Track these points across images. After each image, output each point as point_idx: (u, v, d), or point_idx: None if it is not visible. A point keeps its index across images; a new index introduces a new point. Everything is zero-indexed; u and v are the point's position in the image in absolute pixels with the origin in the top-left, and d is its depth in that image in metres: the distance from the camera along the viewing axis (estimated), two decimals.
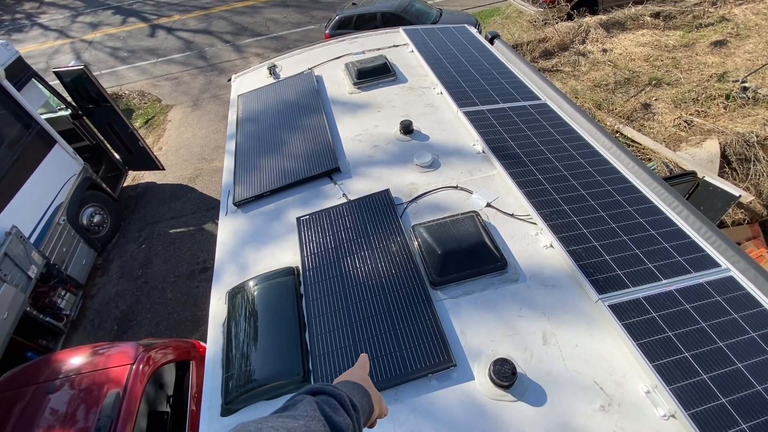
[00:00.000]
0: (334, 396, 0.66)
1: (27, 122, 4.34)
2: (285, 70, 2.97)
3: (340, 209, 1.85)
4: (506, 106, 2.34)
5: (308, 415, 0.57)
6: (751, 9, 7.40)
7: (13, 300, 3.71)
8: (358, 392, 0.75)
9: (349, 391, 0.72)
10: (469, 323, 1.36)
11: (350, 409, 0.66)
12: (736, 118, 5.24)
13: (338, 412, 0.63)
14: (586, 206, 1.72)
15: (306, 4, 11.42)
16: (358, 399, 0.72)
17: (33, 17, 13.49)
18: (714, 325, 1.33)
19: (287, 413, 0.58)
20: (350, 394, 0.70)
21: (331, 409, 0.62)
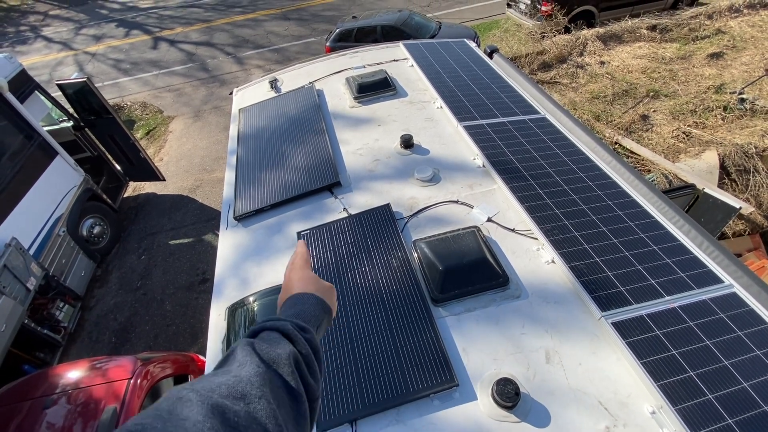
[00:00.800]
0: (276, 329, 0.60)
1: (29, 134, 4.37)
2: (286, 83, 3.00)
3: (341, 223, 1.85)
4: (506, 120, 2.35)
5: (240, 362, 0.52)
6: (747, 21, 7.51)
7: (11, 312, 3.68)
8: (310, 304, 0.68)
9: (296, 311, 0.66)
10: (471, 341, 1.35)
11: (295, 335, 0.60)
12: (734, 130, 5.28)
13: (278, 344, 0.57)
14: (587, 221, 1.72)
15: (307, 18, 11.59)
16: (309, 313, 0.67)
17: (37, 29, 13.67)
18: (718, 343, 1.32)
19: (222, 369, 0.52)
20: (297, 317, 0.64)
21: (269, 345, 0.56)
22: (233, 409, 0.44)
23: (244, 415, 0.44)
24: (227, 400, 0.45)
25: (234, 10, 12.92)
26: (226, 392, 0.46)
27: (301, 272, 0.77)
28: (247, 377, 0.49)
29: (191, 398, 0.43)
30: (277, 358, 0.54)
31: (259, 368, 0.51)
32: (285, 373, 0.54)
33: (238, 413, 0.44)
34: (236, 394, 0.47)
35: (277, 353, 0.55)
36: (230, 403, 0.45)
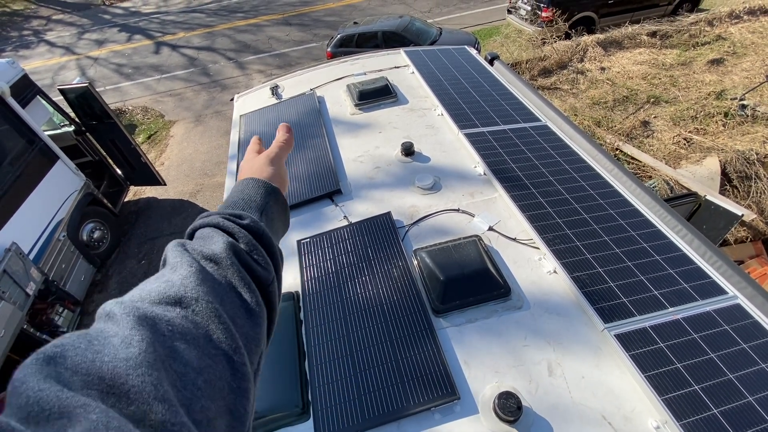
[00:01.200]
0: (207, 225, 0.55)
1: (30, 138, 4.38)
2: (287, 90, 3.00)
3: (341, 232, 1.84)
4: (507, 127, 2.35)
5: (172, 265, 0.48)
6: (747, 28, 7.53)
7: (10, 317, 3.67)
8: (246, 188, 0.63)
9: (230, 202, 0.61)
10: (472, 353, 1.34)
11: (228, 225, 0.54)
12: (735, 136, 5.27)
13: (211, 238, 0.53)
14: (588, 231, 1.71)
15: (308, 23, 11.65)
16: (247, 197, 0.61)
17: (40, 34, 13.76)
18: (723, 356, 1.30)
19: (154, 276, 0.48)
20: (231, 207, 0.60)
21: (202, 242, 0.52)
22: (166, 317, 0.40)
23: (180, 322, 0.41)
24: (158, 308, 0.41)
25: (236, 16, 13.00)
26: (157, 298, 0.43)
27: (244, 163, 0.72)
28: (179, 280, 0.45)
29: (116, 312, 0.39)
30: (212, 253, 0.50)
31: (192, 267, 0.47)
32: (224, 266, 0.50)
33: (172, 321, 0.40)
34: (169, 299, 0.43)
35: (211, 248, 0.51)
36: (161, 311, 0.41)
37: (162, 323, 0.40)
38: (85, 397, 0.30)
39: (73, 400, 0.29)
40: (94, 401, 0.30)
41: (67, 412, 0.28)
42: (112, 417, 0.29)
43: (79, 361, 0.33)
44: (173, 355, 0.38)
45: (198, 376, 0.38)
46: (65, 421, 0.28)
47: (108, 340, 0.36)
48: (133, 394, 0.32)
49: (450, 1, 11.58)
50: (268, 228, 0.59)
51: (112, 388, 0.32)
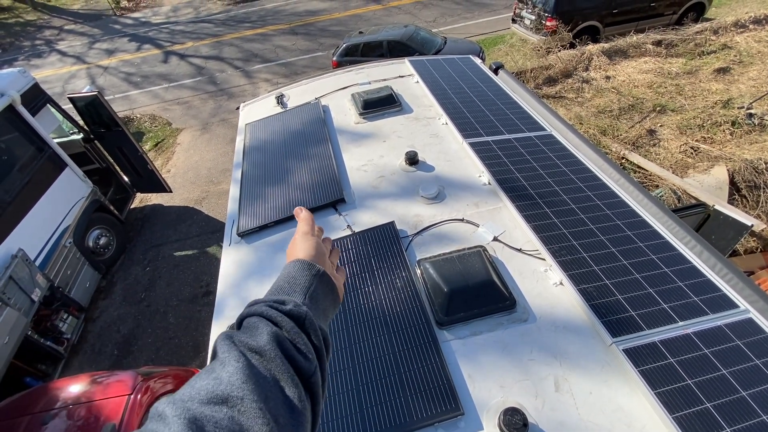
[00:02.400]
0: (252, 314, 0.55)
1: (40, 146, 4.44)
2: (292, 99, 3.02)
3: (345, 241, 1.83)
4: (512, 137, 2.34)
5: (221, 360, 0.48)
6: (753, 36, 7.50)
7: (15, 324, 3.68)
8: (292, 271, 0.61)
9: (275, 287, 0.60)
10: (477, 367, 1.31)
11: (272, 313, 0.54)
12: (743, 145, 5.22)
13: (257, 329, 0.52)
14: (595, 242, 1.69)
15: (314, 32, 11.79)
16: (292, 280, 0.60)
17: (52, 43, 14.04)
18: (735, 372, 1.27)
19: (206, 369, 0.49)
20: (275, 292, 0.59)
21: (249, 334, 0.52)
22: (214, 418, 0.41)
23: (227, 423, 0.42)
24: (207, 408, 0.42)
25: (243, 25, 13.20)
26: (206, 398, 0.43)
27: (294, 243, 0.70)
28: (227, 377, 0.46)
29: (167, 414, 0.41)
30: (258, 345, 0.50)
31: (239, 363, 0.48)
32: (268, 359, 0.50)
33: (220, 422, 0.41)
34: (216, 399, 0.44)
35: (257, 340, 0.51)
36: (210, 411, 0.42)
37: (210, 425, 0.41)
38: None
39: None
40: None
41: None
42: None
43: None
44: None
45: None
46: None
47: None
48: None
49: (455, 11, 11.69)
50: (313, 309, 0.58)
51: None
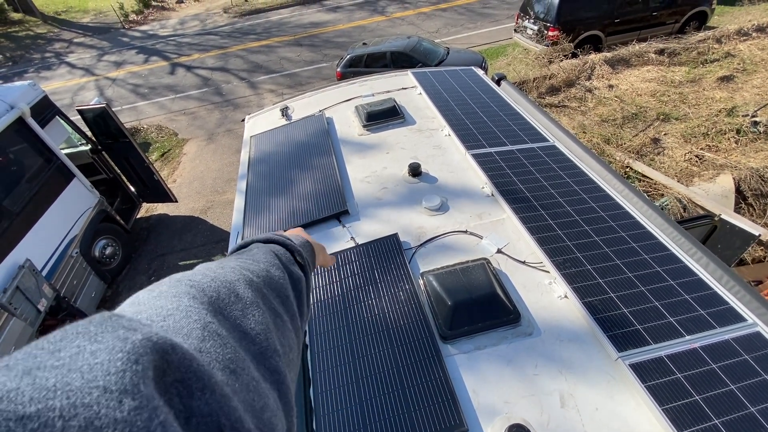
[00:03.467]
0: (288, 248, 0.62)
1: (48, 157, 4.51)
2: (297, 111, 3.05)
3: (348, 254, 1.84)
4: (514, 148, 2.34)
5: (267, 260, 0.54)
6: (756, 45, 7.51)
7: (21, 334, 3.71)
8: (306, 246, 0.71)
9: (301, 244, 0.68)
10: (481, 382, 1.30)
11: (306, 263, 0.63)
12: (748, 153, 5.20)
13: (293, 264, 0.60)
14: (600, 254, 1.68)
15: (319, 44, 11.95)
16: (308, 255, 0.69)
17: (61, 56, 14.33)
18: (744, 387, 1.25)
19: (245, 256, 0.54)
20: (303, 249, 0.67)
21: (286, 261, 0.59)
22: (269, 296, 0.46)
23: (277, 305, 0.47)
24: (265, 288, 0.47)
25: (249, 37, 13.41)
26: (264, 280, 0.48)
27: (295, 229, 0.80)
28: (277, 278, 0.51)
29: (233, 271, 0.45)
30: (296, 276, 0.56)
31: (284, 275, 0.53)
32: (298, 290, 0.55)
33: (272, 301, 0.46)
34: (272, 285, 0.49)
35: (295, 271, 0.57)
36: (267, 292, 0.47)
37: (267, 300, 0.46)
38: (222, 328, 0.34)
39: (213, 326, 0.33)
40: (228, 334, 0.34)
41: (207, 331, 0.32)
42: (239, 356, 0.33)
43: (216, 297, 0.39)
44: (277, 327, 0.44)
45: (290, 352, 0.44)
46: (205, 335, 0.32)
47: (232, 288, 0.42)
48: (259, 340, 0.38)
49: (458, 21, 11.81)
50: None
51: (242, 327, 0.38)
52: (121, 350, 0.23)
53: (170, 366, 0.25)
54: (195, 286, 0.37)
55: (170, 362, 0.25)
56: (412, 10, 13.30)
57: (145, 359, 0.23)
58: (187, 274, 0.41)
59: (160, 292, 0.34)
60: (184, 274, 0.41)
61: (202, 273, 0.42)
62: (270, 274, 0.50)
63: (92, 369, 0.21)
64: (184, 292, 0.35)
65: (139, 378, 0.22)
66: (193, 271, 0.42)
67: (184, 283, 0.37)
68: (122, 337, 0.24)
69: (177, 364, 0.26)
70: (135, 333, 0.24)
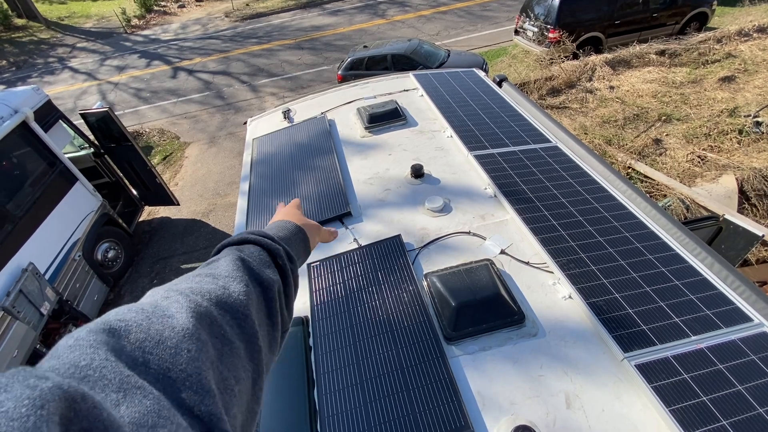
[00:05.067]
0: (267, 248, 0.58)
1: (52, 161, 4.53)
2: (299, 114, 3.06)
3: (351, 255, 1.83)
4: (517, 149, 2.34)
5: (229, 274, 0.49)
6: (757, 45, 7.50)
7: (24, 337, 3.71)
8: (294, 236, 0.67)
9: (286, 237, 0.64)
10: (486, 383, 1.29)
11: (285, 264, 0.58)
12: (751, 153, 5.18)
13: (267, 267, 0.55)
14: (604, 254, 1.67)
15: (319, 47, 12.00)
16: (294, 245, 0.65)
17: (64, 61, 14.42)
18: (751, 388, 1.24)
19: (206, 270, 0.50)
20: (287, 243, 0.62)
21: (258, 265, 0.54)
22: (219, 321, 0.43)
23: (229, 330, 0.43)
24: (216, 310, 0.43)
25: (250, 41, 13.48)
26: (216, 302, 0.44)
27: (289, 209, 0.77)
28: (236, 294, 0.47)
29: (177, 298, 0.42)
30: (267, 282, 0.52)
31: (248, 288, 0.49)
32: (269, 298, 0.52)
33: (223, 327, 0.43)
34: (225, 306, 0.45)
35: (267, 277, 0.53)
36: (218, 315, 0.43)
37: (216, 325, 0.42)
38: (141, 380, 0.31)
39: (132, 380, 0.31)
40: (149, 385, 0.32)
41: (124, 389, 0.30)
42: (163, 406, 0.31)
43: (143, 339, 0.35)
44: (221, 358, 0.41)
45: (235, 385, 0.41)
46: (120, 397, 0.29)
47: (167, 321, 0.38)
48: (189, 383, 0.35)
49: (458, 24, 11.85)
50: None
51: (169, 372, 0.34)
52: (28, 397, 0.22)
53: (77, 415, 0.25)
54: (118, 330, 0.35)
55: (78, 411, 0.25)
56: (413, 13, 13.35)
57: (51, 405, 0.23)
58: (122, 311, 0.38)
59: (76, 341, 0.32)
60: (119, 310, 0.38)
61: (139, 308, 0.39)
62: (227, 292, 0.46)
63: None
64: (101, 341, 0.33)
65: (43, 421, 0.22)
66: (130, 307, 0.39)
67: (106, 329, 0.34)
68: (32, 385, 0.23)
69: (85, 413, 0.25)
70: (46, 381, 0.24)
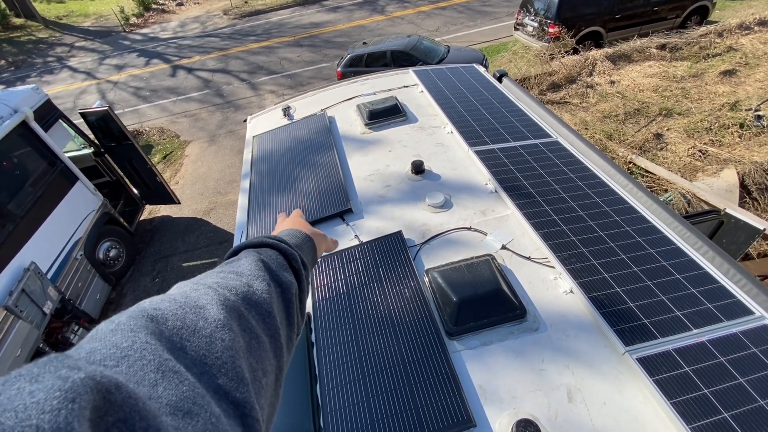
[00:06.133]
0: (284, 253, 0.59)
1: (52, 161, 4.53)
2: (299, 111, 3.06)
3: (352, 252, 1.84)
4: (517, 144, 2.34)
5: (252, 273, 0.51)
6: (758, 38, 7.46)
7: (27, 337, 3.72)
8: (305, 243, 0.68)
9: (298, 244, 0.66)
10: (488, 377, 1.30)
11: (300, 268, 0.60)
12: (752, 147, 5.17)
13: (285, 270, 0.56)
14: (605, 248, 1.67)
15: (319, 44, 11.96)
16: (306, 253, 0.66)
17: (63, 60, 14.39)
18: (753, 380, 1.24)
19: (230, 267, 0.52)
20: (300, 250, 0.63)
21: (277, 267, 0.55)
22: (246, 315, 0.44)
23: (255, 325, 0.44)
24: (243, 305, 0.45)
25: (249, 39, 13.44)
26: (242, 297, 0.46)
27: (294, 218, 0.79)
28: (260, 292, 0.49)
29: (207, 291, 0.43)
30: (285, 284, 0.54)
31: (270, 287, 0.51)
32: (288, 300, 0.53)
33: (250, 321, 0.44)
34: (251, 302, 0.46)
35: (286, 279, 0.55)
36: (245, 310, 0.44)
37: (244, 319, 0.43)
38: (179, 365, 0.32)
39: (170, 364, 0.32)
40: (186, 371, 0.32)
41: (162, 371, 0.30)
42: (198, 394, 0.31)
43: (179, 327, 0.36)
44: (250, 350, 0.42)
45: (263, 377, 0.42)
46: (158, 378, 0.30)
47: (199, 312, 0.39)
48: (224, 371, 0.36)
49: (457, 20, 11.80)
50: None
51: (205, 359, 0.35)
52: (60, 389, 0.22)
53: (112, 405, 0.25)
54: (156, 318, 0.36)
55: (112, 402, 0.25)
56: (412, 9, 13.29)
57: (83, 398, 0.23)
58: (156, 301, 0.39)
59: (117, 325, 0.33)
60: (153, 300, 0.39)
61: (171, 299, 0.40)
62: (251, 290, 0.48)
63: (27, 408, 0.21)
64: (142, 326, 0.34)
65: (74, 417, 0.22)
66: (162, 297, 0.41)
67: (145, 315, 0.36)
68: (63, 376, 0.23)
69: (120, 404, 0.25)
70: (78, 372, 0.24)
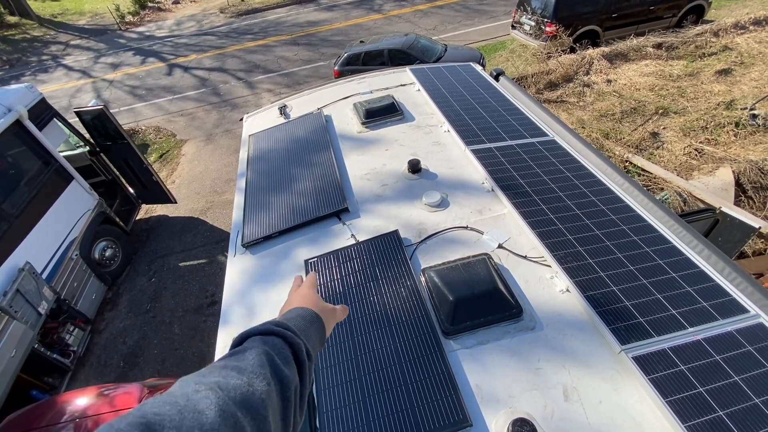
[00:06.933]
0: (290, 343, 0.59)
1: (47, 160, 4.49)
2: (295, 109, 3.04)
3: (349, 251, 1.83)
4: (514, 143, 2.34)
5: (254, 370, 0.51)
6: (754, 38, 7.50)
7: (22, 337, 3.70)
8: (314, 326, 0.68)
9: (305, 329, 0.65)
10: (484, 376, 1.30)
11: (304, 360, 0.60)
12: (747, 146, 5.19)
13: (288, 365, 0.57)
14: (601, 247, 1.67)
15: (316, 43, 11.92)
16: (314, 337, 0.66)
17: (58, 58, 14.28)
18: (748, 379, 1.24)
19: (233, 362, 0.52)
20: (307, 338, 0.63)
21: (281, 360, 0.56)
22: (242, 422, 0.45)
23: (249, 430, 0.45)
24: (239, 410, 0.45)
25: (246, 37, 13.37)
26: (240, 400, 0.47)
27: (306, 290, 0.79)
28: (259, 393, 0.49)
29: (208, 395, 0.44)
30: (286, 380, 0.55)
31: (269, 387, 0.51)
32: (286, 398, 0.54)
33: (245, 428, 0.44)
34: (248, 405, 0.47)
35: (287, 375, 0.55)
36: (241, 415, 0.45)
37: (239, 426, 0.44)
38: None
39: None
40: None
41: None
42: None
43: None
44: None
45: None
46: None
47: (197, 417, 0.41)
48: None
49: (455, 18, 11.79)
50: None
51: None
52: None
53: None
54: (152, 425, 0.37)
55: None
56: (409, 8, 13.26)
57: None
58: (158, 403, 0.41)
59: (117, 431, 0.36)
60: (155, 402, 0.41)
61: (173, 400, 0.42)
62: (251, 390, 0.49)
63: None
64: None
65: None
66: (165, 399, 0.42)
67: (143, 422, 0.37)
68: None
69: None
70: None
